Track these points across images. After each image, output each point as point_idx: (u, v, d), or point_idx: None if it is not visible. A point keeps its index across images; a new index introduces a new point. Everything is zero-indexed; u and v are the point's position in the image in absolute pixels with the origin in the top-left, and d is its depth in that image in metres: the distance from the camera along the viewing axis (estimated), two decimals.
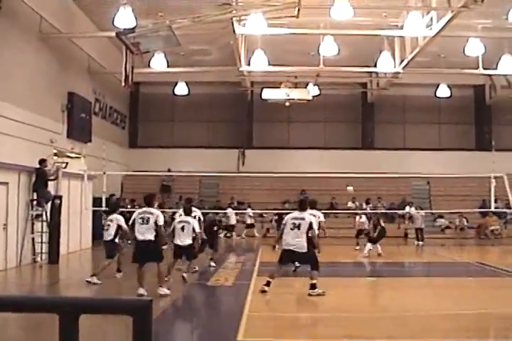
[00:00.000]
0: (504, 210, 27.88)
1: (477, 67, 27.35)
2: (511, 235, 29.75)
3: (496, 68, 27.82)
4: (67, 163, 20.79)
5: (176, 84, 33.51)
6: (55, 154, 21.41)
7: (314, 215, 15.59)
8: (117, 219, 15.26)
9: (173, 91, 34.02)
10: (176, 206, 31.02)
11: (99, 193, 22.96)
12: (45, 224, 19.13)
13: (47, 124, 21.91)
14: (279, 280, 15.49)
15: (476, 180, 29.43)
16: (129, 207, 27.60)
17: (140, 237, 12.78)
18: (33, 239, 18.84)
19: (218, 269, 17.58)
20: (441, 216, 32.14)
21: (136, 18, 20.02)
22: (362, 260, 20.91)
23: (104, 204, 21.24)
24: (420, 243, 27.37)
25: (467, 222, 31.84)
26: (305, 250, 12.99)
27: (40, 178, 18.97)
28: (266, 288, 12.87)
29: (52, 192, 19.74)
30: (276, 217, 29.10)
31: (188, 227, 14.81)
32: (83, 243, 23.52)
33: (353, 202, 32.65)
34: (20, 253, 18.08)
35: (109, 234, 15.10)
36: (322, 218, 16.55)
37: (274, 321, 10.75)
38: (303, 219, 13.17)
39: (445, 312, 11.38)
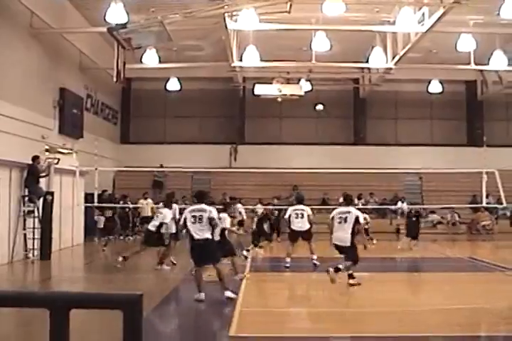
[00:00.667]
0: (495, 205, 27.99)
1: (469, 63, 27.38)
2: (503, 230, 29.78)
3: (487, 64, 27.87)
4: (58, 159, 20.72)
5: (168, 79, 33.44)
6: (47, 150, 21.37)
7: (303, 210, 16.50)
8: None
9: (165, 87, 33.95)
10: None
11: (91, 189, 22.95)
12: (37, 220, 19.09)
13: (38, 120, 21.87)
14: (271, 275, 15.55)
15: (467, 175, 29.49)
16: (121, 202, 27.56)
17: (196, 236, 11.86)
18: (24, 235, 18.79)
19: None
20: (433, 211, 32.18)
21: (127, 13, 19.98)
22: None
23: (96, 200, 21.21)
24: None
25: (459, 217, 31.89)
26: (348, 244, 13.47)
27: (31, 174, 18.92)
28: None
29: (44, 188, 19.70)
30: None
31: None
32: (75, 239, 23.47)
33: None
34: (12, 250, 18.03)
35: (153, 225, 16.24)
36: (309, 212, 17.45)
37: (266, 316, 10.75)
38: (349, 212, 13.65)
39: (437, 307, 11.40)
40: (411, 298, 12.86)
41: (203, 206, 12.06)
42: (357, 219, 13.43)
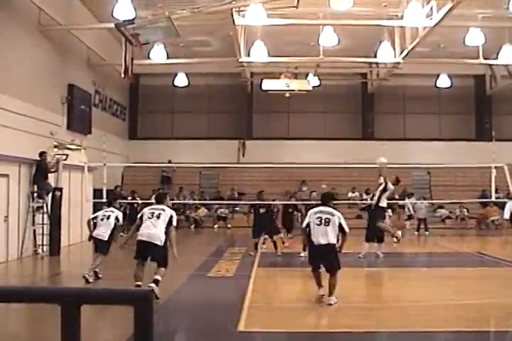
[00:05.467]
0: (505, 200, 27.88)
1: (477, 57, 27.30)
2: None
3: (496, 58, 27.79)
4: (67, 155, 20.76)
5: (176, 75, 33.49)
6: (55, 146, 21.43)
7: None
8: None
9: (173, 83, 34.01)
10: (177, 197, 31.14)
11: (99, 185, 22.99)
12: (45, 216, 19.18)
13: (47, 116, 21.93)
14: (280, 270, 15.56)
15: (476, 170, 29.45)
16: (129, 198, 27.60)
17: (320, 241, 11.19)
18: (34, 230, 18.88)
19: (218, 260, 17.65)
20: (441, 206, 32.14)
21: (135, 9, 19.99)
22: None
23: (104, 196, 21.22)
24: (426, 233, 27.52)
25: (468, 212, 31.86)
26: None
27: (40, 170, 18.98)
28: None
29: (53, 184, 19.75)
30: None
31: None
32: (84, 235, 23.50)
33: (353, 193, 32.67)
34: (21, 245, 18.12)
35: None
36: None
37: (274, 312, 10.77)
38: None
39: (446, 302, 11.41)
40: (419, 293, 12.84)
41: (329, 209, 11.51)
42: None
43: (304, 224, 11.55)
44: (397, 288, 13.82)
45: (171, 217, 11.86)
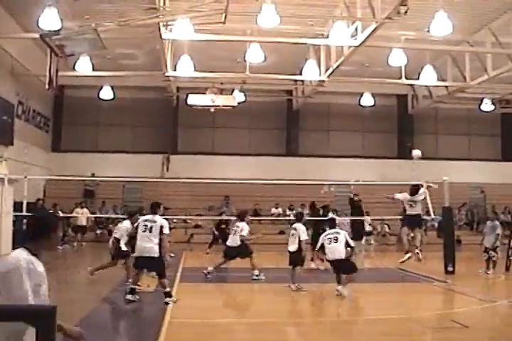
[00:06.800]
0: (424, 217, 28.41)
1: (400, 77, 27.96)
2: (431, 242, 30.26)
3: (417, 78, 28.50)
4: None
5: (101, 88, 33.19)
6: None
7: None
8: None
9: (98, 95, 33.68)
10: (99, 211, 30.75)
11: (20, 198, 22.49)
12: None
13: None
14: (203, 285, 15.51)
15: (397, 187, 29.87)
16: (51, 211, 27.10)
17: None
18: None
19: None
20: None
21: (61, 20, 19.79)
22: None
23: (25, 209, 20.77)
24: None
25: (389, 228, 32.39)
26: None
27: None
28: None
29: None
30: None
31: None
32: (3, 248, 22.94)
33: (276, 208, 32.86)
34: None
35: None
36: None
37: (195, 327, 10.69)
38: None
39: (367, 317, 11.55)
40: (342, 309, 12.98)
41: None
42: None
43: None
44: (317, 303, 13.94)
45: (162, 227, 12.70)
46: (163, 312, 11.49)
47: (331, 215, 29.74)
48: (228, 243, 17.50)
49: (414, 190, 18.29)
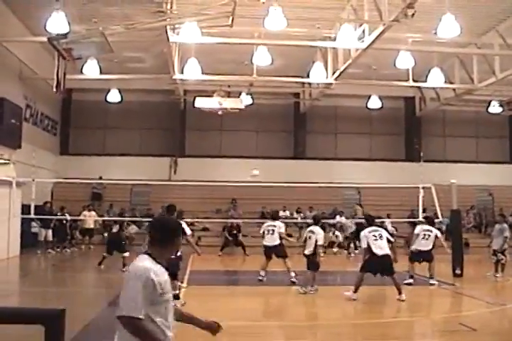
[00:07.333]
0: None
1: (407, 80, 27.93)
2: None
3: (425, 81, 28.44)
4: None
5: (109, 91, 33.22)
6: None
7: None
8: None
9: (106, 99, 33.71)
10: (107, 213, 30.77)
11: (28, 200, 22.59)
12: None
13: None
14: (210, 288, 15.51)
15: (405, 190, 29.84)
16: (59, 214, 27.11)
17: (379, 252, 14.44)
18: None
19: None
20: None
21: (69, 23, 19.81)
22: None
23: (32, 212, 20.84)
24: (356, 251, 27.66)
25: (396, 231, 32.29)
26: None
27: None
28: None
29: None
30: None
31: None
32: (11, 251, 23.06)
33: (284, 211, 32.82)
34: None
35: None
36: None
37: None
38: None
39: (376, 320, 11.52)
40: (348, 312, 12.96)
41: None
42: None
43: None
44: (325, 307, 13.90)
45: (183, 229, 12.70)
46: None
47: (338, 218, 29.98)
48: (266, 243, 17.54)
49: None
